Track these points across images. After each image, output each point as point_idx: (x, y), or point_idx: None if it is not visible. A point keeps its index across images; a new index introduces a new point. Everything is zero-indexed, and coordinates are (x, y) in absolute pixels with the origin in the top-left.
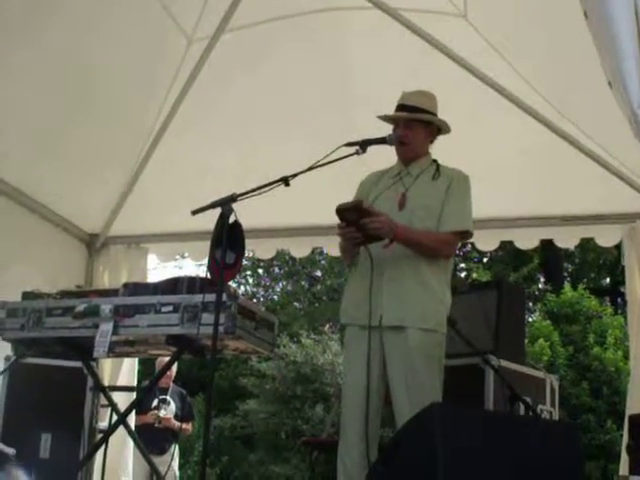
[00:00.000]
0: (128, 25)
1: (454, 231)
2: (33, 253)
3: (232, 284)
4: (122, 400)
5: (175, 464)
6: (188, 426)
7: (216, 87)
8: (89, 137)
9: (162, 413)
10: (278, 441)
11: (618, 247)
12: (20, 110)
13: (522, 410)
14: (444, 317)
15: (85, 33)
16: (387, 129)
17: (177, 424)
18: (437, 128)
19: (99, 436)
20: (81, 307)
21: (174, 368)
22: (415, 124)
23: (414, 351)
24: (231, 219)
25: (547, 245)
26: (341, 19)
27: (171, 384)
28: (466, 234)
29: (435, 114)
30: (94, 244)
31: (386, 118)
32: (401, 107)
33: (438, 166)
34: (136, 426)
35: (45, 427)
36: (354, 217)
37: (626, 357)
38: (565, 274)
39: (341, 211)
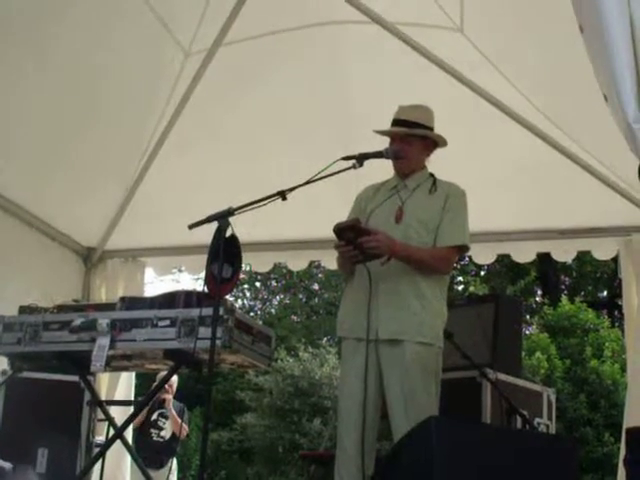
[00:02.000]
0: (125, 39)
1: (451, 246)
2: (30, 267)
3: (229, 298)
4: (119, 414)
5: (173, 478)
6: (186, 427)
7: (213, 101)
8: (86, 151)
9: (161, 422)
10: (276, 455)
11: (615, 260)
12: (18, 124)
13: (519, 423)
14: (441, 331)
15: (82, 48)
16: (384, 142)
17: (179, 420)
18: (434, 142)
19: (96, 450)
20: (78, 321)
21: (175, 383)
22: (411, 139)
23: (411, 365)
24: (228, 233)
25: (544, 258)
26: (338, 33)
27: (171, 398)
28: (463, 248)
29: (431, 128)
30: (91, 258)
31: (383, 133)
32: (397, 122)
33: (435, 180)
34: (134, 429)
35: (42, 441)
36: (351, 236)
37: (623, 370)
38: (562, 287)
39: (338, 230)
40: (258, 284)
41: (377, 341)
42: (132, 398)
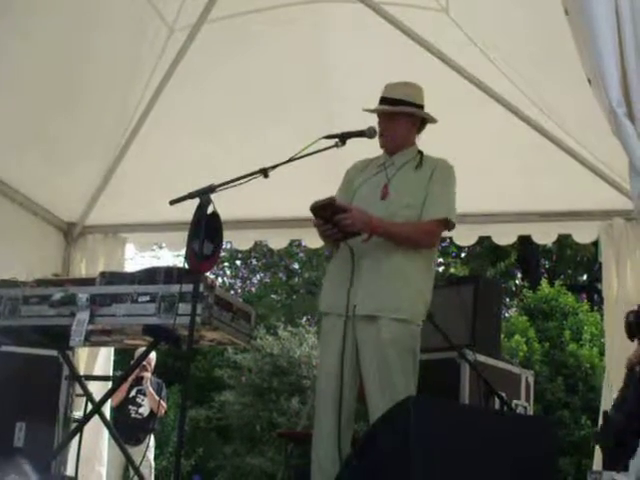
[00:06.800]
0: (109, 14)
1: (436, 219)
2: (10, 241)
3: (210, 275)
4: (97, 389)
5: (150, 454)
6: (164, 404)
7: (196, 77)
8: (68, 125)
9: (139, 399)
10: (254, 433)
11: (595, 244)
12: None
13: (497, 405)
14: (421, 308)
15: (65, 22)
16: (367, 121)
17: (157, 398)
18: (422, 118)
19: (74, 425)
20: (58, 296)
21: (153, 360)
22: (398, 116)
23: (387, 342)
24: (209, 210)
25: (524, 241)
26: (323, 11)
27: (149, 376)
28: (448, 223)
29: (419, 104)
30: (72, 233)
31: (368, 111)
32: (383, 100)
33: (422, 156)
34: (113, 409)
35: (20, 416)
36: (328, 214)
37: (602, 354)
38: (542, 270)
39: (315, 209)
40: (238, 262)
41: (355, 317)
42: (111, 374)
